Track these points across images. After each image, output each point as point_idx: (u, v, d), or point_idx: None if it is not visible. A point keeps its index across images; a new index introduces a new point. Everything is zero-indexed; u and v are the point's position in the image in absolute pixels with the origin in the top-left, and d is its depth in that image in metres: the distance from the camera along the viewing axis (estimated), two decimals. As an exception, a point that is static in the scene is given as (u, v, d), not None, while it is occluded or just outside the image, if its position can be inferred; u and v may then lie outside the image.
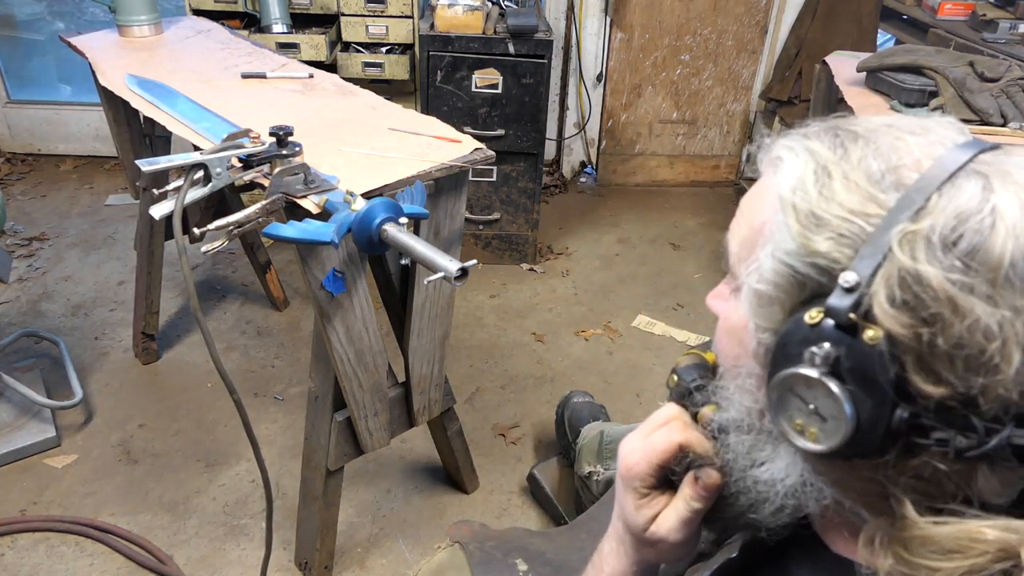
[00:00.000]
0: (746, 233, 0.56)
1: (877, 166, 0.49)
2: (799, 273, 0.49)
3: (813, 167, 0.51)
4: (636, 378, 2.38)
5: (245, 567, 1.72)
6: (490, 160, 1.40)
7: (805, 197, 0.49)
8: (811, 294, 0.49)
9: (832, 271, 0.47)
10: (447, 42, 2.54)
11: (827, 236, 0.48)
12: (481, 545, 1.12)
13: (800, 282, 0.49)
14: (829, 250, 0.48)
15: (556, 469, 1.93)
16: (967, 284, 0.43)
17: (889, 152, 0.49)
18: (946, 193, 0.45)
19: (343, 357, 1.40)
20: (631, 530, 0.67)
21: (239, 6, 2.70)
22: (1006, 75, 1.84)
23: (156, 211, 1.17)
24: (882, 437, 0.46)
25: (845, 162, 0.50)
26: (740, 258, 0.56)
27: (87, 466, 1.96)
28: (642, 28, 3.38)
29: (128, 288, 2.66)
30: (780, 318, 0.51)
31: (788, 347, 0.49)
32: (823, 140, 0.52)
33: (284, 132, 1.23)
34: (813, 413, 0.48)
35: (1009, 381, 0.43)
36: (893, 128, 0.52)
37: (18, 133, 3.57)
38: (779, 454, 0.55)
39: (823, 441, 0.48)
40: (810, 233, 0.48)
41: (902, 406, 0.45)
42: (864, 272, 0.46)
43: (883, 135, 0.51)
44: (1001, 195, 0.45)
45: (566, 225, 3.29)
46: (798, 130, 0.56)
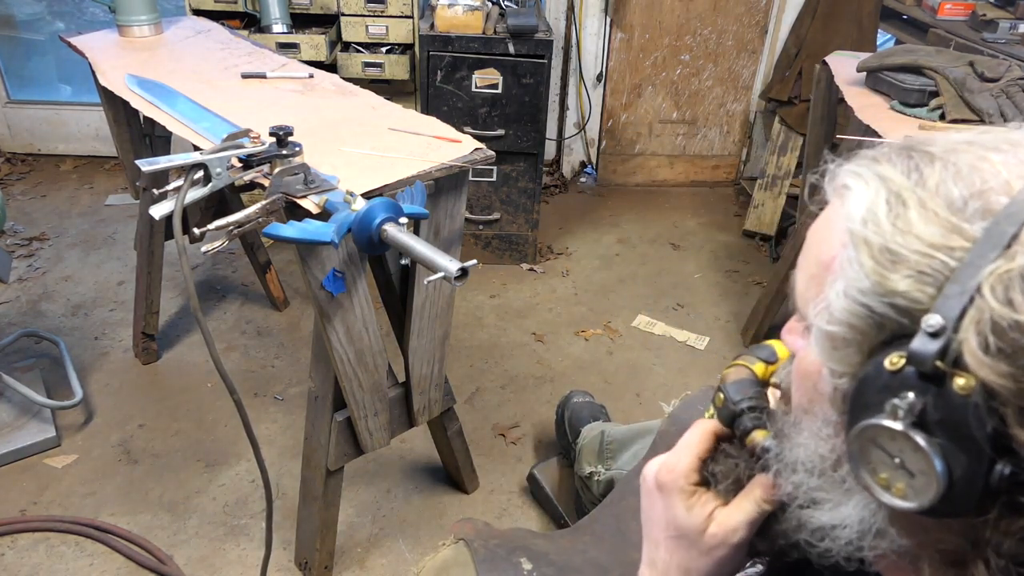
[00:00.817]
0: (814, 270, 0.51)
1: (959, 192, 0.44)
2: (876, 313, 0.45)
3: (885, 195, 0.46)
4: (636, 378, 2.38)
5: (245, 567, 1.72)
6: (490, 160, 1.40)
7: (878, 230, 0.45)
8: (891, 335, 0.45)
9: (913, 312, 0.43)
10: (447, 42, 2.54)
11: (906, 274, 0.43)
12: (485, 543, 1.12)
13: (877, 323, 0.45)
14: (908, 289, 0.43)
15: (556, 469, 1.93)
16: None
17: (971, 174, 0.44)
18: None
19: (343, 357, 1.40)
20: (687, 537, 0.63)
21: (239, 6, 2.70)
22: (1006, 75, 1.84)
23: (156, 211, 1.17)
24: (980, 495, 0.42)
25: (921, 188, 0.45)
26: (808, 297, 0.51)
27: (87, 466, 1.96)
28: (642, 28, 3.38)
29: (128, 288, 2.66)
30: (857, 361, 0.46)
31: (868, 394, 0.45)
32: (895, 164, 0.48)
33: (284, 132, 1.23)
34: (900, 467, 0.44)
35: None
36: (975, 146, 0.47)
37: (18, 133, 3.57)
38: (848, 503, 0.50)
39: (912, 498, 0.44)
40: (886, 271, 0.44)
41: (1002, 462, 0.41)
42: (950, 314, 0.41)
43: (963, 154, 0.46)
44: None
45: (566, 225, 3.29)
46: (867, 152, 0.51)
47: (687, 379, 2.39)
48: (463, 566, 1.09)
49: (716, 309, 2.75)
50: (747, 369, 0.65)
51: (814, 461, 0.52)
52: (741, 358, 0.68)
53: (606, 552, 1.12)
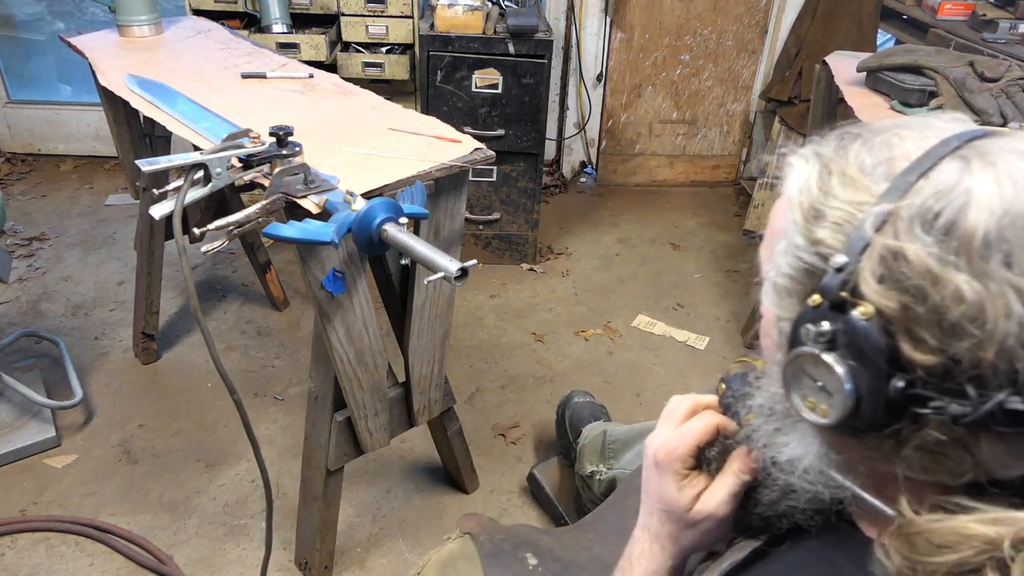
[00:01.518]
0: (768, 237, 0.60)
1: (870, 160, 0.53)
2: (807, 263, 0.53)
3: (818, 168, 0.55)
4: (636, 378, 2.39)
5: (245, 567, 1.72)
6: (490, 160, 1.40)
7: (809, 195, 0.54)
8: (819, 281, 0.52)
9: (831, 257, 0.51)
10: (447, 42, 2.54)
11: (825, 226, 0.52)
12: (491, 537, 1.12)
13: (809, 271, 0.53)
14: (826, 237, 0.52)
15: (556, 469, 1.93)
16: (945, 257, 0.46)
17: (882, 147, 0.53)
18: (930, 177, 0.49)
19: (343, 357, 1.40)
20: (674, 512, 0.71)
21: (239, 6, 2.70)
22: (1006, 75, 1.84)
23: (156, 211, 1.17)
24: (883, 409, 0.49)
25: (843, 160, 0.54)
26: (764, 259, 0.60)
27: (87, 466, 1.96)
28: (642, 28, 3.38)
29: (128, 288, 2.66)
30: (798, 307, 0.54)
31: (798, 330, 0.53)
32: (829, 144, 0.57)
33: (284, 132, 1.23)
34: (821, 390, 0.51)
35: (992, 347, 0.45)
36: (892, 127, 0.55)
37: (18, 133, 3.57)
38: (797, 435, 0.59)
39: (830, 415, 0.51)
40: (812, 225, 0.53)
41: (898, 376, 0.48)
42: (852, 253, 0.49)
43: (881, 133, 0.54)
44: (978, 174, 0.48)
45: (566, 225, 3.29)
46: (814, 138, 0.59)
47: (687, 379, 2.39)
48: (469, 560, 1.09)
49: (716, 309, 2.75)
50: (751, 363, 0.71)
51: (774, 401, 0.61)
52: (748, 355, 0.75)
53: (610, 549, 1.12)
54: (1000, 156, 0.49)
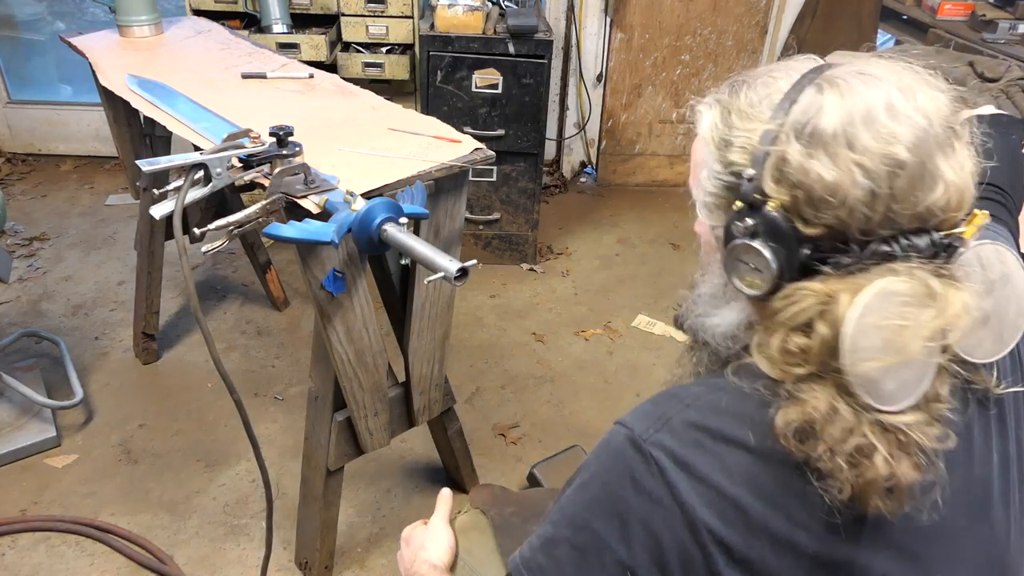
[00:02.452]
0: (693, 171, 0.76)
1: (755, 97, 0.69)
2: (726, 181, 0.70)
3: (720, 111, 0.72)
4: (636, 378, 2.39)
5: (245, 567, 1.72)
6: (490, 160, 1.40)
7: (718, 131, 0.71)
8: (736, 192, 0.68)
9: (743, 172, 0.67)
10: (447, 42, 2.54)
11: (734, 150, 0.69)
12: (501, 511, 1.14)
13: (728, 187, 0.70)
14: (736, 159, 0.68)
15: (556, 468, 1.93)
16: (810, 153, 0.63)
17: (762, 87, 0.70)
18: (797, 101, 0.65)
19: (343, 357, 1.40)
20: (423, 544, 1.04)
21: (239, 6, 2.70)
22: (1006, 75, 1.84)
23: (156, 211, 1.17)
24: (796, 273, 0.65)
25: (737, 100, 0.71)
26: (693, 187, 0.76)
27: (87, 466, 1.96)
28: (642, 28, 3.38)
29: (128, 288, 2.66)
30: (724, 216, 0.71)
31: (729, 230, 0.69)
32: (724, 92, 0.73)
33: (284, 132, 1.23)
34: (753, 269, 0.67)
35: (848, 210, 0.62)
36: (766, 72, 0.72)
37: (18, 133, 3.57)
38: (727, 310, 0.76)
39: (762, 287, 0.67)
40: (724, 152, 0.70)
41: (803, 247, 0.64)
42: (756, 165, 0.66)
43: (760, 77, 0.71)
44: (827, 94, 0.65)
45: (566, 225, 3.29)
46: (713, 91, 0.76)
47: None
48: (480, 530, 1.12)
49: (716, 309, 2.75)
50: None
51: (712, 290, 0.78)
52: None
53: None
54: (842, 77, 0.65)
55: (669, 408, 0.71)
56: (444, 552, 1.02)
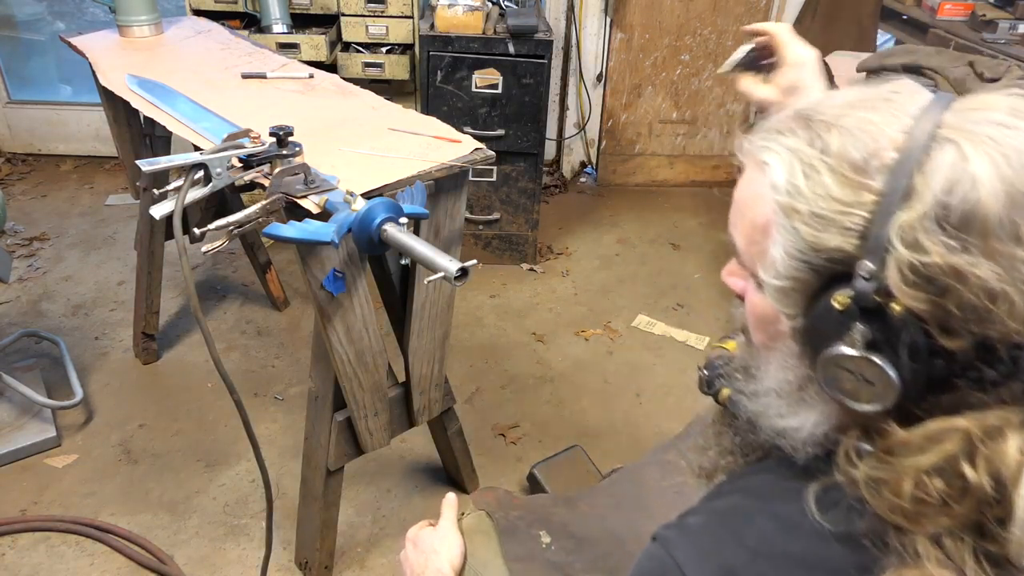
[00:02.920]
0: (750, 233, 0.59)
1: (858, 153, 0.52)
2: (814, 265, 0.54)
3: (800, 167, 0.54)
4: (636, 378, 2.39)
5: (245, 567, 1.72)
6: (490, 160, 1.40)
7: (803, 199, 0.54)
8: (829, 279, 0.54)
9: (846, 260, 0.52)
10: (447, 42, 2.54)
11: (835, 232, 0.52)
12: (506, 515, 1.14)
13: (816, 272, 0.54)
14: (840, 244, 0.52)
15: (556, 468, 1.93)
16: (964, 251, 0.48)
17: (863, 136, 0.53)
18: (927, 170, 0.50)
19: (343, 357, 1.40)
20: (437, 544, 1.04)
21: (239, 6, 2.70)
22: (1006, 75, 1.84)
23: (156, 211, 1.17)
24: (924, 388, 0.52)
25: (828, 156, 0.54)
26: (750, 254, 0.60)
27: (87, 466, 1.96)
28: (642, 28, 3.38)
29: (128, 288, 2.66)
30: (804, 303, 0.56)
31: (823, 330, 0.55)
32: (799, 135, 0.56)
33: (284, 132, 1.23)
34: (862, 380, 0.54)
35: (1017, 319, 0.49)
36: (856, 108, 0.55)
37: (18, 133, 3.57)
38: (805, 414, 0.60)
39: (877, 401, 0.54)
40: (818, 232, 0.53)
41: (937, 360, 0.51)
42: (877, 259, 0.51)
43: (850, 119, 0.54)
44: (975, 160, 0.49)
45: (566, 225, 3.29)
46: (770, 124, 0.59)
47: (687, 379, 2.39)
48: (485, 534, 1.12)
49: (716, 309, 2.75)
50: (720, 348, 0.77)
51: (782, 385, 0.62)
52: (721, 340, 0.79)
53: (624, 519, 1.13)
54: (982, 130, 0.50)
55: (731, 554, 0.57)
56: (456, 558, 1.01)
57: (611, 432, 2.16)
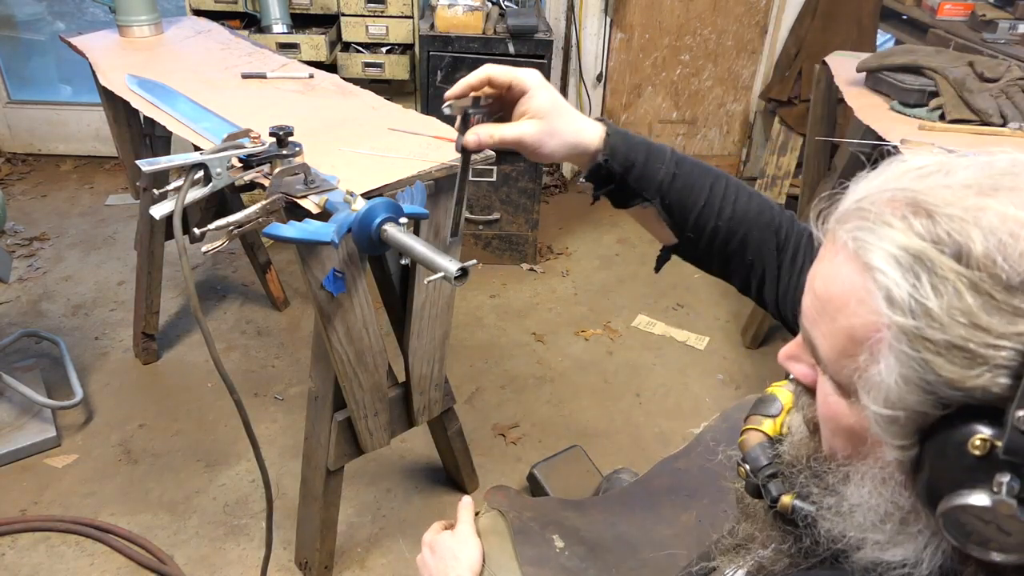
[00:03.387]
0: (844, 344, 0.50)
1: (1008, 267, 0.42)
2: (943, 398, 0.45)
3: (928, 279, 0.44)
4: (636, 378, 2.39)
5: (245, 567, 1.72)
6: (490, 160, 1.40)
7: (936, 324, 0.44)
8: (957, 411, 0.45)
9: (987, 399, 0.44)
10: (447, 42, 2.54)
11: (982, 370, 0.43)
12: (519, 515, 1.14)
13: (942, 404, 0.46)
14: (987, 384, 0.43)
15: (556, 469, 1.93)
16: None
17: (1010, 242, 0.43)
18: None
19: (343, 357, 1.40)
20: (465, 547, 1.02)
21: (239, 6, 2.70)
22: (1006, 75, 1.84)
23: (156, 211, 1.17)
24: None
25: (968, 268, 0.43)
26: (839, 365, 0.52)
27: (87, 466, 1.96)
28: (642, 28, 3.38)
29: (128, 288, 2.66)
30: (919, 434, 0.48)
31: (951, 471, 0.46)
32: (918, 231, 0.45)
33: (284, 132, 1.23)
34: (997, 530, 0.46)
35: None
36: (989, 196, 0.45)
37: (18, 133, 3.57)
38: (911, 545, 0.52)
39: (1013, 551, 0.46)
40: (960, 369, 0.44)
41: None
42: None
43: (990, 214, 0.44)
44: None
45: (566, 225, 3.29)
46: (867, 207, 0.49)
47: (687, 379, 2.39)
48: (500, 535, 1.10)
49: (716, 309, 2.75)
50: (759, 433, 0.68)
51: (879, 514, 0.52)
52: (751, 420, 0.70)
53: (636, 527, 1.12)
54: None
55: None
56: (476, 564, 1.01)
57: (611, 432, 2.16)
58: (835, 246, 0.51)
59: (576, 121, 0.89)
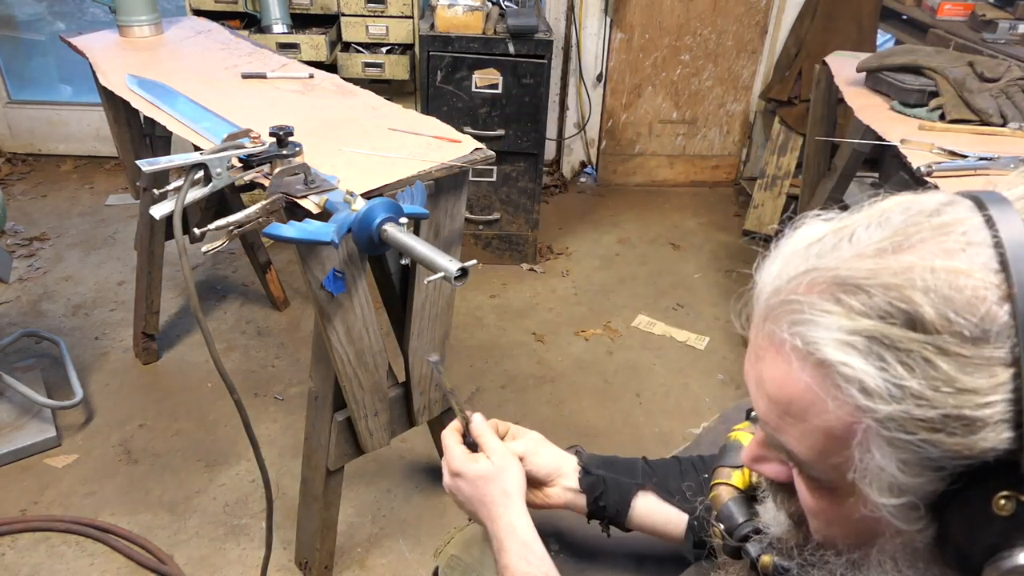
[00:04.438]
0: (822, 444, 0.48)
1: (965, 321, 0.42)
2: (951, 471, 0.44)
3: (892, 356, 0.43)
4: (636, 378, 2.39)
5: (245, 567, 1.72)
6: (490, 160, 1.40)
7: (922, 403, 0.43)
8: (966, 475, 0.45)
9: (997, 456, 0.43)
10: (447, 42, 2.54)
11: (983, 433, 0.42)
12: None
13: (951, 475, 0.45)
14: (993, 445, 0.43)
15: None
16: None
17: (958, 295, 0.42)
18: None
19: (343, 357, 1.40)
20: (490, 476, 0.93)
21: (239, 6, 2.70)
22: (1006, 75, 1.84)
23: (156, 211, 1.17)
24: None
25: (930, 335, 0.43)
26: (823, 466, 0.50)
27: (87, 466, 1.96)
28: (642, 28, 3.38)
29: (128, 288, 2.66)
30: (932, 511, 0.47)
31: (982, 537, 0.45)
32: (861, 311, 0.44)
33: (284, 132, 1.23)
34: None
35: None
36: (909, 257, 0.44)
37: (19, 133, 3.57)
38: None
39: None
40: (960, 437, 0.43)
41: None
42: None
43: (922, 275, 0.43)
44: None
45: (566, 225, 3.29)
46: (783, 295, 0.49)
47: (687, 379, 2.39)
48: None
49: (716, 309, 2.75)
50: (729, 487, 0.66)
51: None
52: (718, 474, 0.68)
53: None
54: None
55: None
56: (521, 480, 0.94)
57: (611, 432, 2.16)
58: (773, 346, 0.49)
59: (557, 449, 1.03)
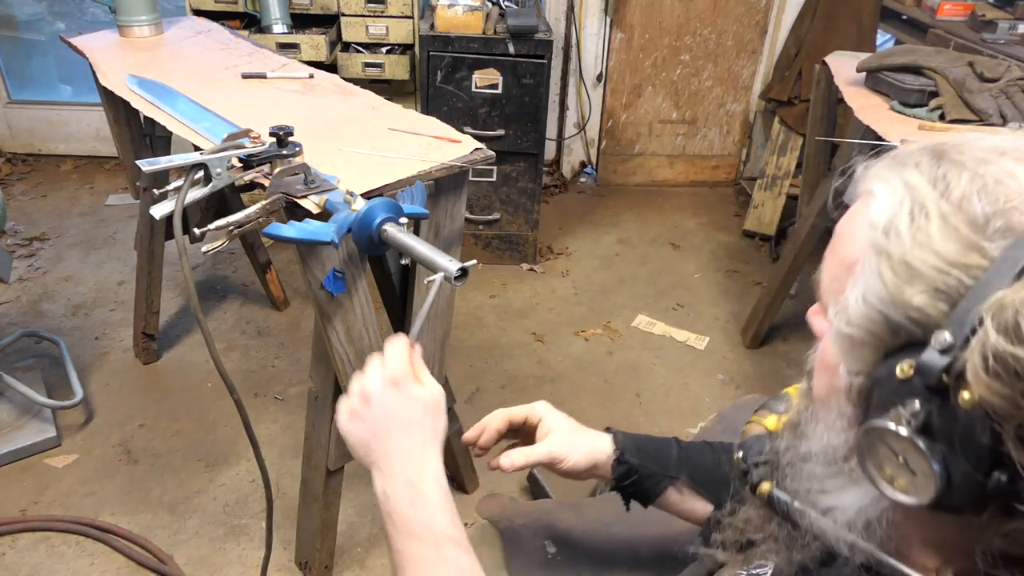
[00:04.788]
0: (837, 270, 0.52)
1: (982, 208, 0.44)
2: (891, 321, 0.46)
3: (909, 205, 0.47)
4: (636, 378, 2.39)
5: (245, 567, 1.72)
6: (490, 160, 1.40)
7: (899, 242, 0.46)
8: (906, 341, 0.46)
9: (926, 325, 0.45)
10: (447, 42, 2.54)
11: (921, 289, 0.45)
12: (511, 523, 1.13)
13: (893, 329, 0.47)
14: (923, 305, 0.45)
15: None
16: None
17: (996, 189, 0.44)
18: None
19: (343, 357, 1.40)
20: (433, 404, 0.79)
21: (239, 6, 2.70)
22: (1006, 75, 1.84)
23: (156, 211, 1.17)
24: (975, 498, 0.44)
25: (945, 201, 0.45)
26: (830, 292, 0.53)
27: (87, 466, 1.96)
28: (642, 28, 3.38)
29: (128, 288, 2.66)
30: (872, 361, 0.49)
31: (879, 396, 0.47)
32: (923, 170, 0.48)
33: (284, 132, 1.23)
34: (903, 465, 0.46)
35: None
36: (1005, 156, 0.46)
37: (19, 133, 3.57)
38: (851, 490, 0.53)
39: (912, 494, 0.46)
40: (904, 284, 0.45)
41: (998, 471, 0.42)
42: (959, 333, 0.42)
43: (992, 165, 0.45)
44: None
45: (566, 225, 3.29)
46: (898, 152, 0.51)
47: (687, 379, 2.39)
48: (490, 546, 1.10)
49: (716, 309, 2.75)
50: (759, 426, 0.71)
51: (826, 451, 0.54)
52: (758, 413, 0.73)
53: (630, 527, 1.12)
54: None
55: None
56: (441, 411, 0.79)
57: (611, 432, 2.15)
58: (860, 188, 0.53)
59: (590, 432, 0.96)
